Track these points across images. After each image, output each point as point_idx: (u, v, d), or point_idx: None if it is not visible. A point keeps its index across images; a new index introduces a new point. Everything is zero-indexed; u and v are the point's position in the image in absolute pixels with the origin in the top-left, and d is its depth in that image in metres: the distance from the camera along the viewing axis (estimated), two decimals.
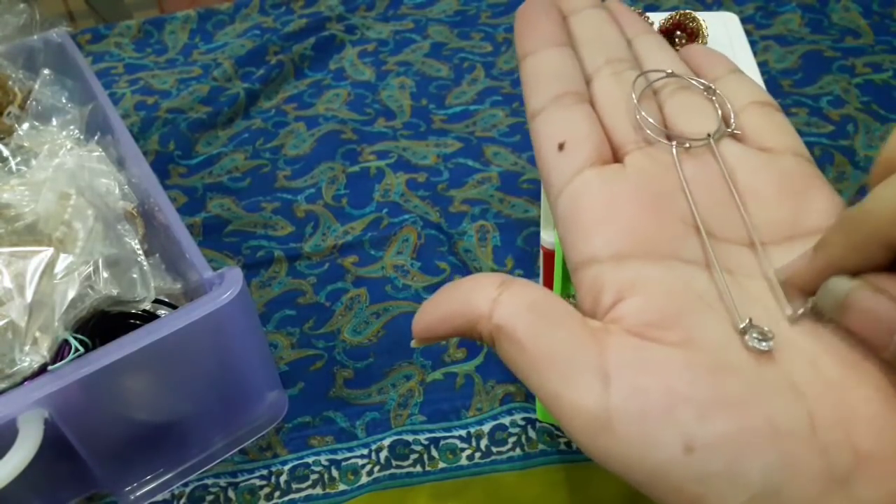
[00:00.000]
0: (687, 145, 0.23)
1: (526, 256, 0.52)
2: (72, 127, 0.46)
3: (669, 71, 0.25)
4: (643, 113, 0.23)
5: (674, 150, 0.22)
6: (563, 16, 0.27)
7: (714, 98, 0.25)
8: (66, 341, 0.35)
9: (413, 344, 0.22)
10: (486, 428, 0.42)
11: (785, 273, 0.21)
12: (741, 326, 0.19)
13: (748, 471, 0.17)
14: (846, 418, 0.18)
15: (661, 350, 0.19)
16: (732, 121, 0.24)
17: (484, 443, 0.42)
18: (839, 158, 0.57)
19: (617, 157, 0.23)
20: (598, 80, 0.25)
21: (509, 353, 0.20)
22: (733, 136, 0.24)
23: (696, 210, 0.21)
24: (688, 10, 0.43)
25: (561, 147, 0.23)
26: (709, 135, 0.23)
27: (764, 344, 0.18)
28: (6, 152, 0.43)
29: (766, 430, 0.17)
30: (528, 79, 0.25)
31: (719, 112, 0.24)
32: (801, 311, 0.20)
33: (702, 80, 0.25)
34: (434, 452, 0.41)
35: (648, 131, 0.23)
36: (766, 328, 0.19)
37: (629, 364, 0.18)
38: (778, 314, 0.20)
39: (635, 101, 0.23)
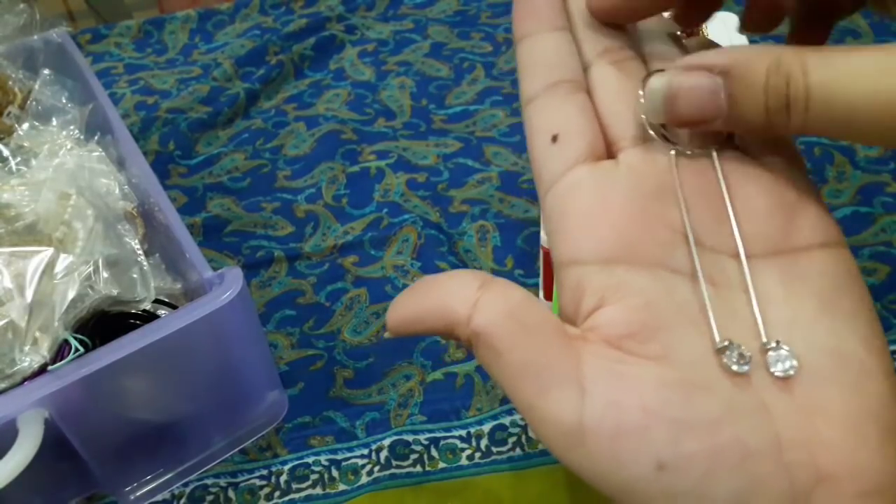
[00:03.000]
0: (688, 152, 0.22)
1: (526, 256, 0.52)
2: (72, 127, 0.46)
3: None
4: (648, 128, 0.22)
5: (672, 159, 0.22)
6: None
7: None
8: (66, 341, 0.35)
9: (386, 335, 0.22)
10: (486, 428, 0.42)
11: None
12: (718, 346, 0.19)
13: (717, 490, 0.17)
14: (810, 440, 0.18)
15: (637, 365, 0.18)
16: None
17: (484, 443, 0.42)
18: (839, 158, 0.57)
19: (611, 152, 0.23)
20: (596, 68, 0.24)
21: (486, 359, 0.20)
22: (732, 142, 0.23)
23: (688, 217, 0.21)
24: None
25: (554, 139, 0.22)
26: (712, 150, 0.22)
27: (740, 367, 0.18)
28: (6, 152, 0.43)
29: (737, 451, 0.17)
30: (522, 63, 0.24)
31: None
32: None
33: None
34: (434, 452, 0.41)
35: (651, 132, 0.22)
36: (744, 349, 0.19)
37: (605, 378, 0.18)
38: (755, 331, 0.19)
39: (642, 99, 0.22)
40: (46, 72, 0.49)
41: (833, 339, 0.19)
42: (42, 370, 0.34)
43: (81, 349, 0.35)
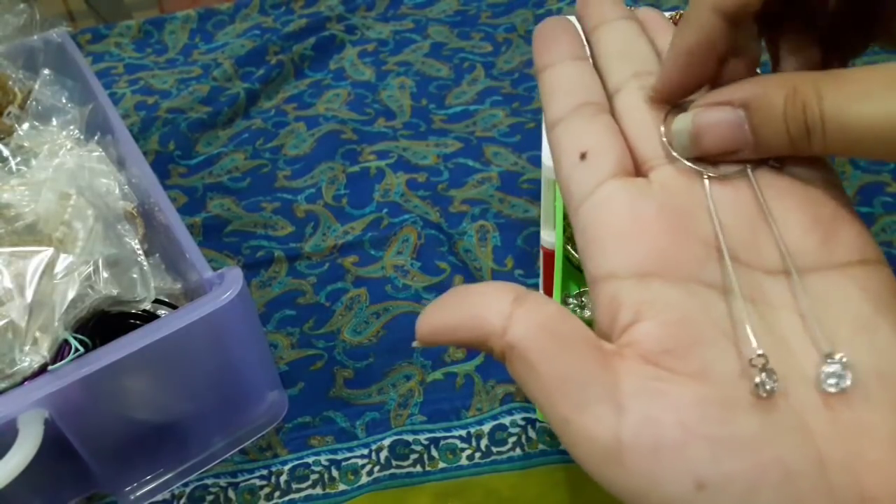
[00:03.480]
0: (723, 174, 0.22)
1: (526, 256, 0.52)
2: (72, 127, 0.46)
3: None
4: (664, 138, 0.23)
5: (706, 182, 0.22)
6: (584, 32, 0.26)
7: None
8: (66, 341, 0.35)
9: (415, 345, 0.22)
10: (486, 428, 0.42)
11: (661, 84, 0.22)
12: (752, 363, 0.18)
13: None
14: (855, 461, 0.17)
15: (674, 381, 0.18)
16: None
17: (484, 443, 0.42)
18: (839, 158, 0.57)
19: (640, 172, 0.23)
20: (624, 92, 0.24)
21: (521, 372, 0.20)
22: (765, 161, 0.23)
23: (722, 233, 0.21)
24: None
25: (583, 157, 0.22)
26: (746, 168, 0.22)
27: (770, 386, 0.18)
28: (6, 152, 0.43)
29: (778, 471, 0.17)
30: (546, 90, 0.25)
31: None
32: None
33: None
34: (434, 452, 0.41)
35: (680, 158, 0.22)
36: (771, 367, 0.18)
37: (642, 395, 0.18)
38: (794, 348, 0.19)
39: (664, 137, 0.23)
40: (46, 72, 0.49)
41: (876, 357, 0.19)
42: (42, 370, 0.34)
43: (81, 349, 0.35)
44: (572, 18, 0.27)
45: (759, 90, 0.20)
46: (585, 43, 0.26)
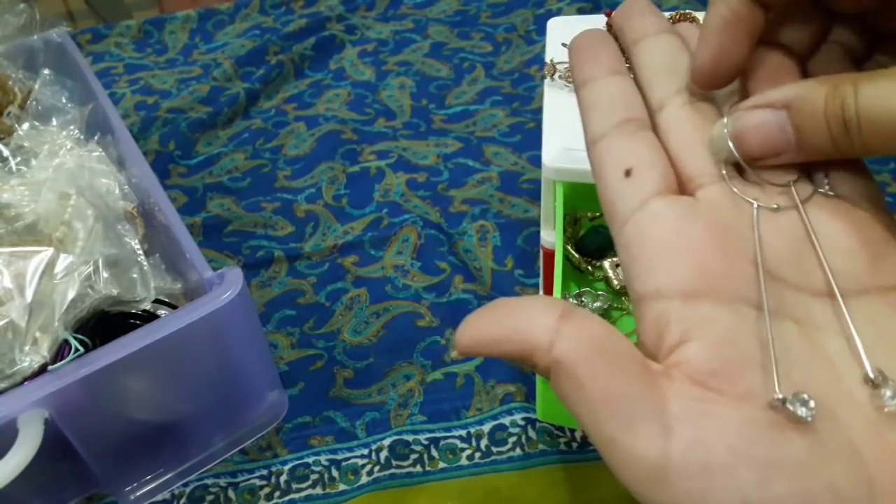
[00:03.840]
0: (774, 206, 0.22)
1: (526, 256, 0.52)
2: (72, 127, 0.46)
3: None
4: (724, 172, 0.22)
5: (755, 213, 0.22)
6: (623, 43, 0.26)
7: None
8: (66, 341, 0.35)
9: (454, 355, 0.22)
10: (486, 428, 0.42)
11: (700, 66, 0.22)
12: (774, 400, 0.18)
13: None
14: None
15: (722, 403, 0.18)
16: (823, 178, 0.23)
17: (484, 443, 0.42)
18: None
19: (685, 190, 0.23)
20: (669, 109, 0.24)
21: (566, 389, 0.20)
22: (814, 184, 0.23)
23: (769, 254, 0.21)
24: (688, 11, 0.43)
25: (628, 173, 0.22)
26: (791, 184, 0.22)
27: (805, 411, 0.18)
28: (6, 152, 0.43)
29: (828, 495, 0.17)
30: (586, 105, 0.25)
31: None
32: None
33: None
34: (434, 452, 0.41)
35: (734, 189, 0.22)
36: (806, 396, 0.18)
37: (690, 416, 0.18)
38: (841, 370, 0.19)
39: (731, 149, 0.22)
40: (46, 72, 0.49)
41: None
42: (42, 370, 0.34)
43: (81, 349, 0.35)
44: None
45: (800, 91, 0.21)
46: (620, 53, 0.26)
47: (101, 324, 0.37)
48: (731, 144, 0.22)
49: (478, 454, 0.41)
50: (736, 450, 0.17)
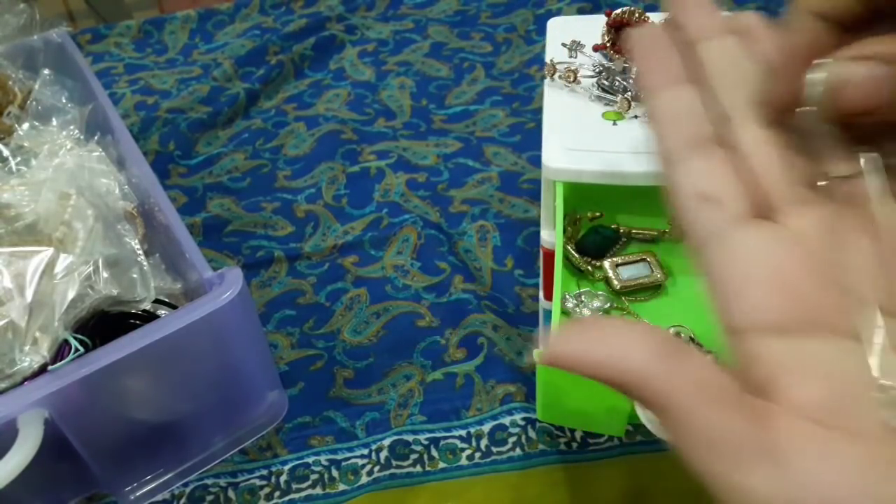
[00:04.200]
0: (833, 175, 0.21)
1: (526, 256, 0.52)
2: (72, 127, 0.46)
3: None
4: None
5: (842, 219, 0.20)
6: (679, 39, 0.25)
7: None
8: (66, 341, 0.35)
9: (536, 360, 0.21)
10: (486, 428, 0.42)
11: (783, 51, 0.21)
12: None
13: None
14: None
15: (835, 440, 0.18)
16: None
17: (484, 443, 0.42)
18: None
19: (766, 211, 0.22)
20: (743, 124, 0.23)
21: (672, 426, 0.19)
22: None
23: (865, 280, 0.20)
24: None
25: (706, 197, 0.22)
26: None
27: None
28: (6, 152, 0.43)
29: None
30: (657, 117, 0.24)
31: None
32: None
33: None
34: (434, 452, 0.41)
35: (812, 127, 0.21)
36: None
37: (802, 453, 0.18)
38: None
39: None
40: (46, 72, 0.49)
41: None
42: (42, 370, 0.34)
43: (81, 349, 0.35)
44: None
45: None
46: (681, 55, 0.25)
47: (101, 324, 0.37)
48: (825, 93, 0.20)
49: (478, 454, 0.41)
50: (854, 486, 0.17)
